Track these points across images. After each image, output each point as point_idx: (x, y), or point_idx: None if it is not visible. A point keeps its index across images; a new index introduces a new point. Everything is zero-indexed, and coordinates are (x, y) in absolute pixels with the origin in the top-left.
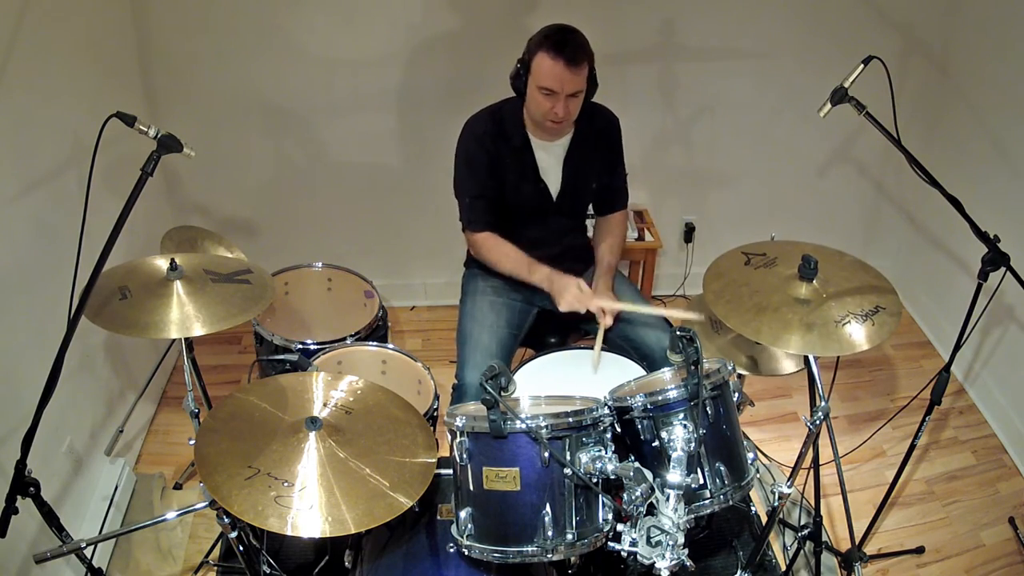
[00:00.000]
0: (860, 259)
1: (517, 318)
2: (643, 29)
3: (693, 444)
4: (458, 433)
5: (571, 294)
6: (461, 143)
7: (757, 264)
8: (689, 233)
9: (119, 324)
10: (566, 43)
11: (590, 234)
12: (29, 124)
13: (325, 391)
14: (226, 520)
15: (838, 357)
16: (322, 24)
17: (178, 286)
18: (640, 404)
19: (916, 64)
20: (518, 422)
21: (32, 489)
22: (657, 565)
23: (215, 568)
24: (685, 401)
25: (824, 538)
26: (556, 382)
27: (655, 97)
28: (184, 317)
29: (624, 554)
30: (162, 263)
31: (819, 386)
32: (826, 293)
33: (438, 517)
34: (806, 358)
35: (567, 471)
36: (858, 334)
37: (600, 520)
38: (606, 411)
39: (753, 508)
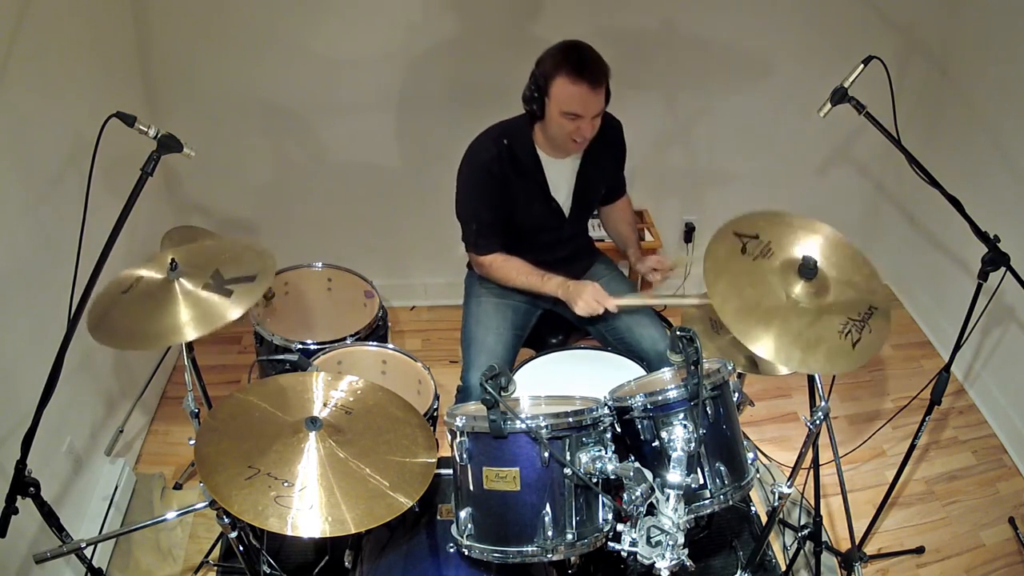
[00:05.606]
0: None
1: (521, 319)
2: (643, 29)
3: (693, 444)
4: (458, 433)
5: (588, 296)
6: (467, 169)
7: (753, 253)
8: (689, 233)
9: (122, 338)
10: (584, 65)
11: (592, 233)
12: (29, 124)
13: (325, 391)
14: (226, 520)
15: None
16: (322, 24)
17: (179, 286)
18: (640, 404)
19: (916, 64)
20: (518, 422)
21: (32, 489)
22: (657, 565)
23: (215, 568)
24: (685, 401)
25: (824, 538)
26: (556, 382)
27: (655, 97)
28: (188, 320)
29: (624, 554)
30: (158, 273)
31: (819, 386)
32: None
33: (438, 517)
34: None
35: (567, 471)
36: (862, 344)
37: (600, 520)
38: (606, 411)
39: (753, 508)
